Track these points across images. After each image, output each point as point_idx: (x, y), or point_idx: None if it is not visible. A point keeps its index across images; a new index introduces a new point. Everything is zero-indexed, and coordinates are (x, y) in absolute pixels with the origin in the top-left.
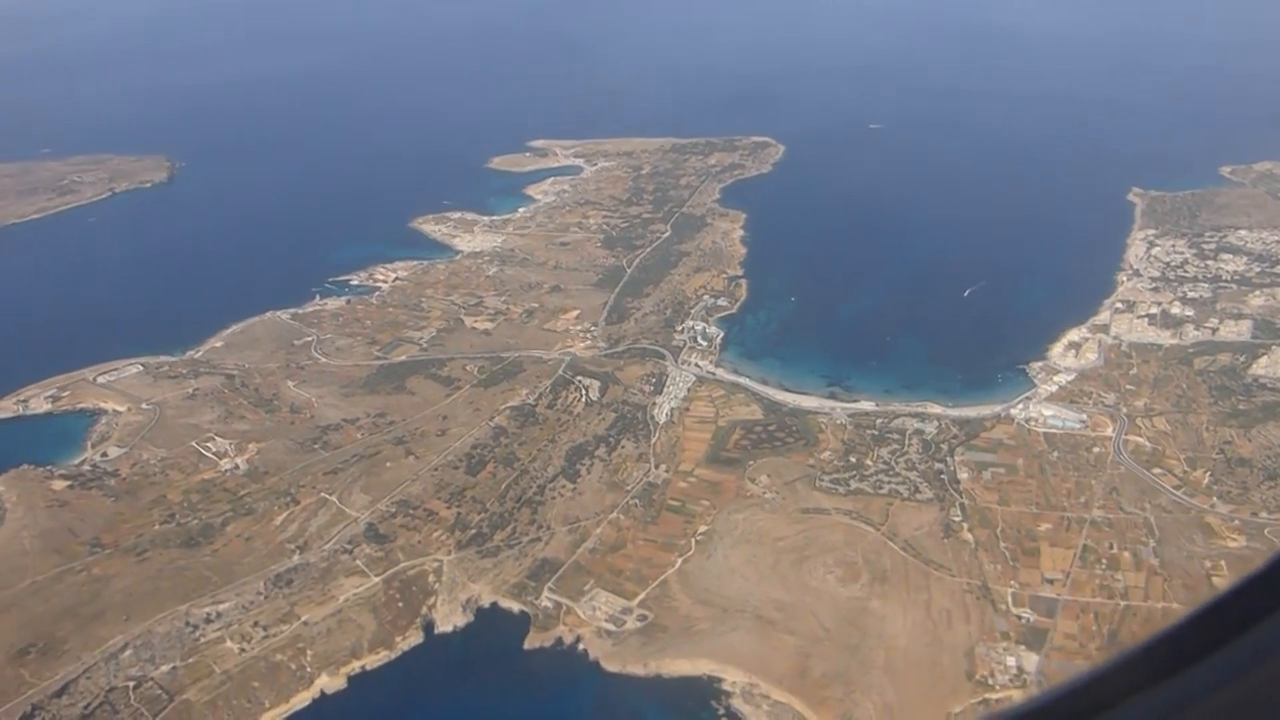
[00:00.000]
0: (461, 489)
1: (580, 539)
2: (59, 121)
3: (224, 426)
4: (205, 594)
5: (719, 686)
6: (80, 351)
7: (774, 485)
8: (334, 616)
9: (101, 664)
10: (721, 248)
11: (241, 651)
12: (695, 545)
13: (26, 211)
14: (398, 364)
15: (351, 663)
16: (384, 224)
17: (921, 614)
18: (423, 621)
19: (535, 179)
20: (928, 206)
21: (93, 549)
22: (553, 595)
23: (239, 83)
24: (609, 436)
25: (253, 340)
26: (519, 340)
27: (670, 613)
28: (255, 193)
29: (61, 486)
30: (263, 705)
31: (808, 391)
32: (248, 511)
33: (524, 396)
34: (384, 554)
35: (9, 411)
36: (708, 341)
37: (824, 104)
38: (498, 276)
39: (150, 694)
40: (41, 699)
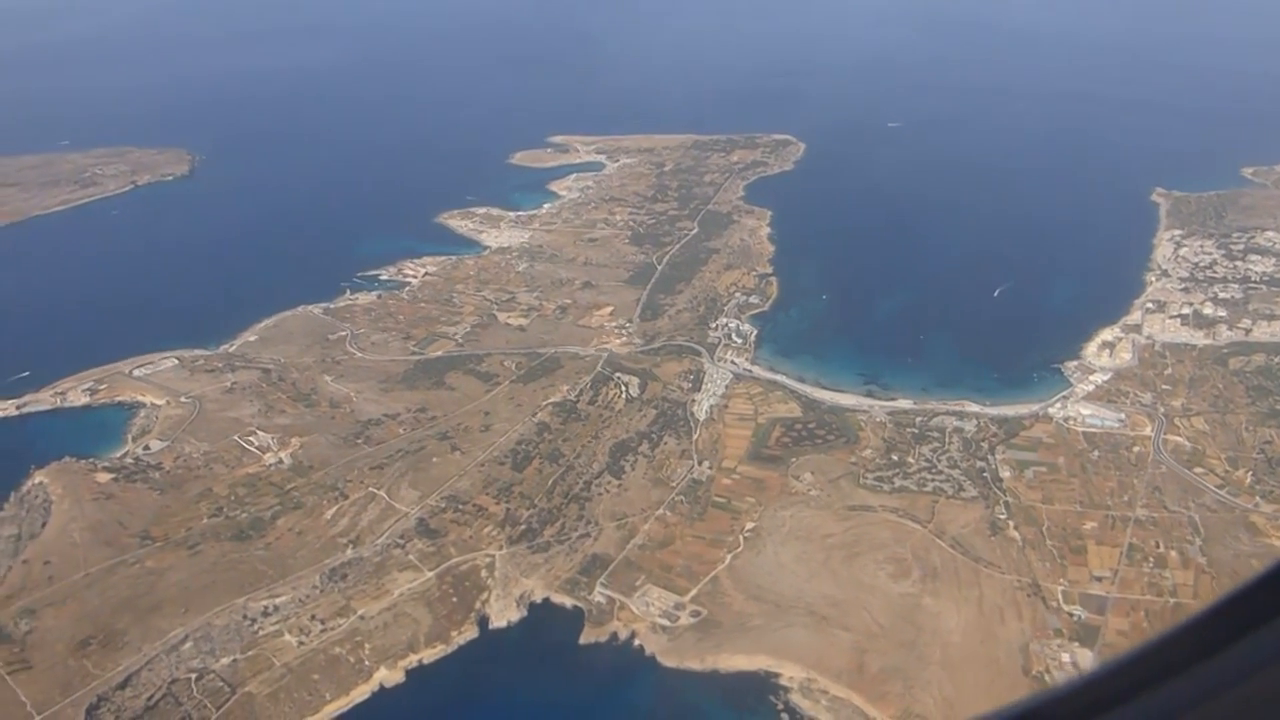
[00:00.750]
0: (509, 484)
1: (629, 535)
2: (77, 113)
3: (265, 421)
4: (261, 587)
5: (776, 681)
6: (114, 344)
7: (818, 482)
8: (389, 610)
9: (163, 656)
10: (750, 245)
11: (300, 645)
12: (744, 542)
13: (50, 204)
14: (435, 359)
15: (409, 656)
16: (409, 218)
17: (974, 611)
18: (477, 616)
19: (558, 175)
20: (952, 205)
21: (143, 541)
22: (605, 591)
23: (255, 76)
24: (651, 433)
25: (286, 334)
26: (554, 336)
27: (723, 608)
28: (276, 186)
29: (106, 479)
30: (323, 698)
31: (845, 389)
32: (296, 506)
33: (565, 392)
34: (436, 549)
35: (47, 404)
36: (742, 339)
37: (840, 101)
38: (528, 272)
39: (212, 686)
40: (106, 690)
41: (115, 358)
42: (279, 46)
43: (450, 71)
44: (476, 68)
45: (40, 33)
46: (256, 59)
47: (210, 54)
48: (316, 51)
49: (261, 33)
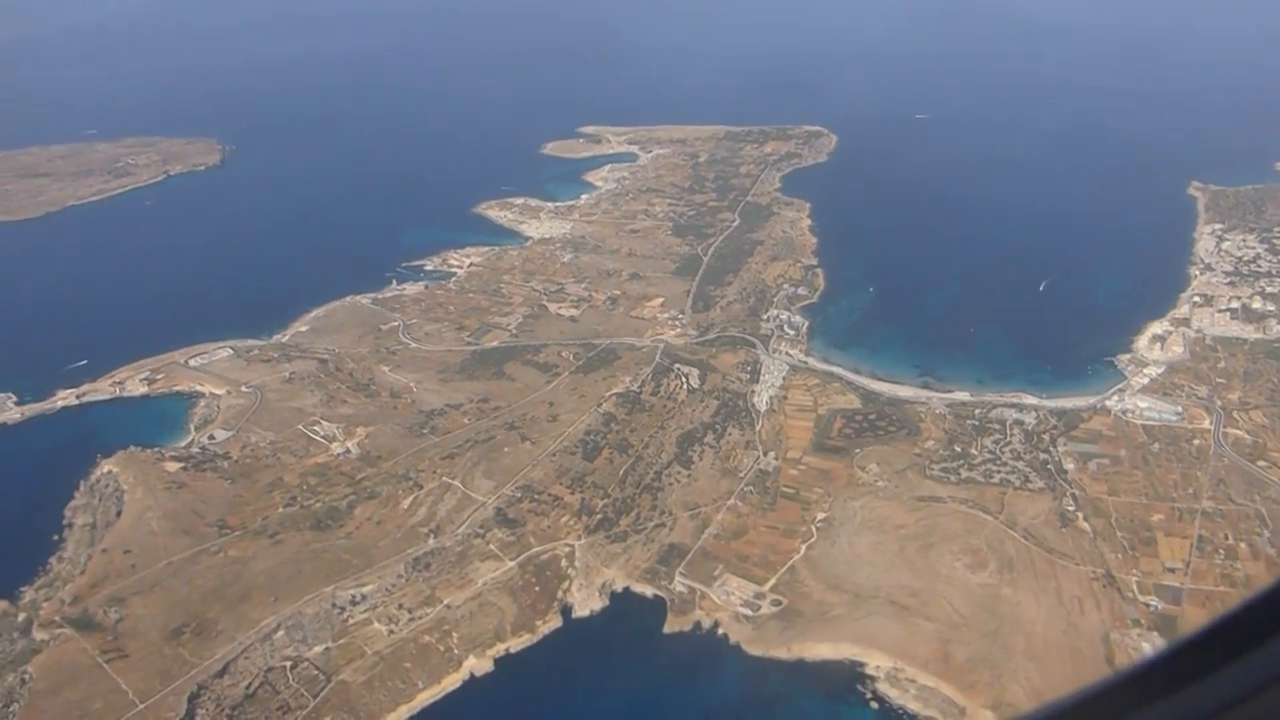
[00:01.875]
0: (582, 475)
1: (703, 525)
2: (102, 103)
3: (328, 410)
4: (348, 576)
5: (862, 670)
6: (167, 334)
7: (885, 473)
8: (474, 600)
9: (257, 645)
10: (792, 237)
11: (390, 633)
12: (816, 532)
13: (85, 193)
14: (490, 350)
15: (496, 645)
16: (447, 209)
17: (1053, 601)
18: (560, 605)
19: (593, 165)
20: (988, 198)
21: (221, 531)
22: (685, 580)
23: (277, 65)
24: (715, 424)
25: (338, 324)
26: (607, 327)
27: (803, 598)
28: (309, 177)
29: (175, 468)
30: (416, 686)
31: (901, 381)
32: (370, 495)
33: (627, 384)
34: (515, 538)
35: (106, 393)
36: (795, 330)
37: (866, 94)
38: (574, 263)
39: (307, 674)
40: (205, 679)
41: (169, 347)
42: (298, 36)
43: (475, 62)
44: (502, 58)
45: (51, 20)
46: (276, 48)
47: (229, 43)
48: (337, 41)
49: (280, 21)
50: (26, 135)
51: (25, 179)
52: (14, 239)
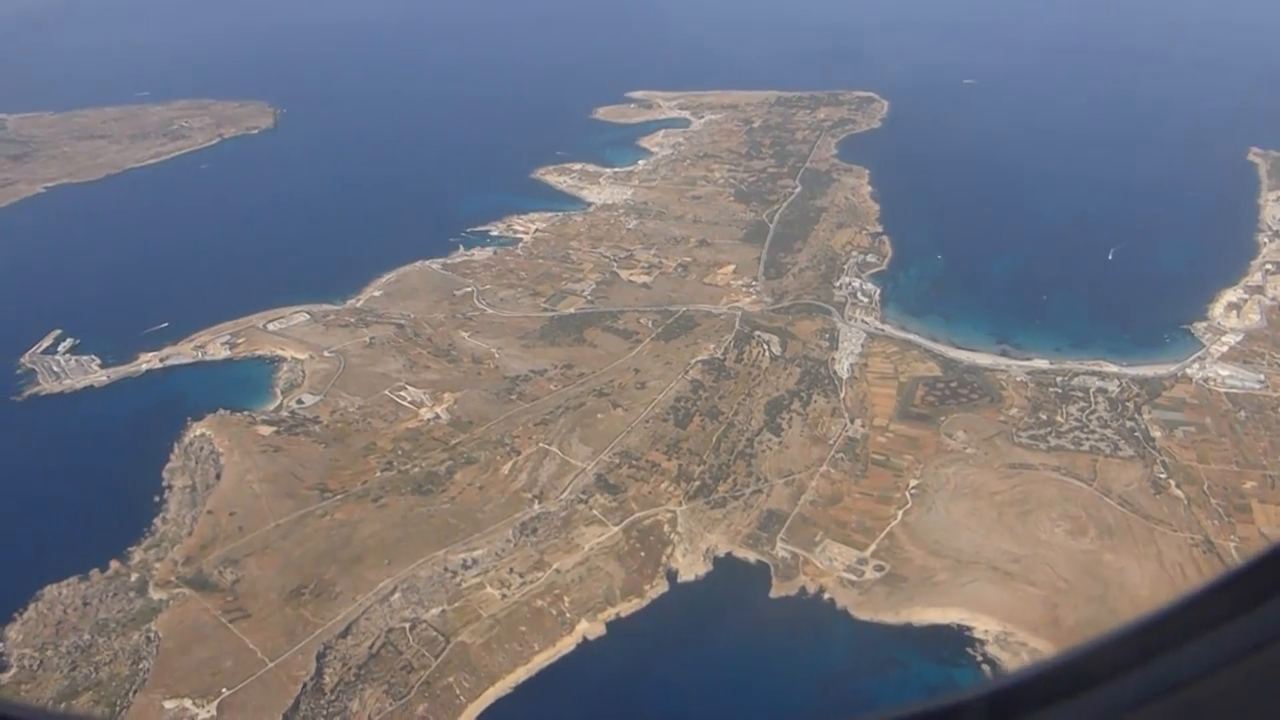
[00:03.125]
0: (676, 441)
1: (798, 491)
2: (150, 64)
3: (412, 376)
4: (457, 540)
5: (970, 634)
6: (241, 298)
7: (973, 441)
8: (583, 564)
9: (375, 606)
10: (855, 204)
11: (503, 597)
12: (911, 498)
13: (143, 156)
14: (568, 316)
15: (607, 609)
16: (505, 174)
17: (1155, 567)
18: (665, 570)
19: (646, 130)
20: (1046, 165)
21: (322, 494)
22: (786, 546)
23: (324, 27)
24: (800, 391)
25: (411, 290)
26: (681, 294)
27: (905, 563)
28: (363, 140)
29: (268, 432)
30: (532, 649)
31: (978, 348)
32: (468, 460)
33: (711, 350)
34: (618, 504)
35: (188, 357)
36: (868, 298)
37: (911, 59)
38: (639, 229)
39: (426, 635)
40: (329, 639)
41: (245, 312)
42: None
43: (519, 26)
44: (547, 24)
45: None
46: (320, 11)
47: (272, 4)
48: (377, 4)
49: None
50: (78, 97)
51: (83, 140)
52: (80, 201)
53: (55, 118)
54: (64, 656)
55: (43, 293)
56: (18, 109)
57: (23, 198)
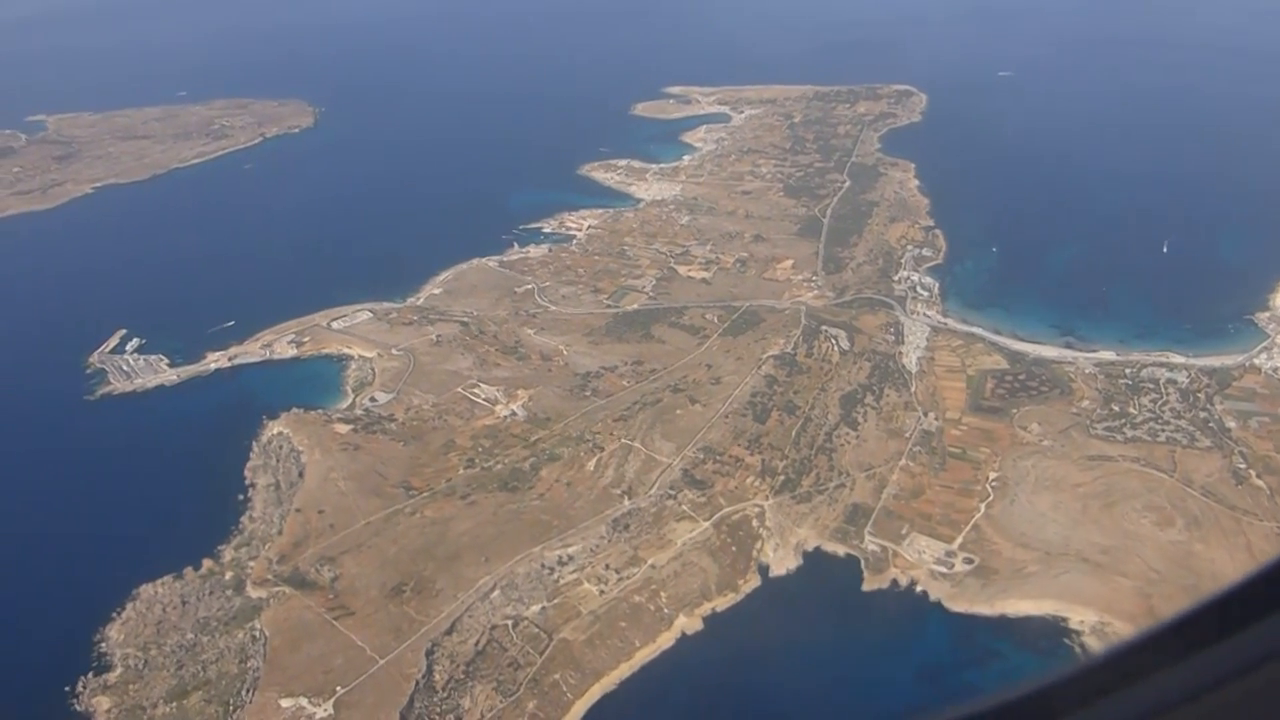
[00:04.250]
0: (757, 436)
1: (879, 485)
2: (187, 63)
3: (483, 373)
4: (551, 537)
5: (1065, 625)
6: (302, 297)
7: (1048, 433)
8: (677, 560)
9: (477, 603)
10: (904, 198)
11: (601, 593)
12: (992, 491)
13: (187, 156)
14: (632, 312)
15: (703, 604)
16: (550, 170)
17: (1245, 557)
18: (757, 565)
19: (686, 126)
20: (1092, 157)
21: (408, 492)
22: (874, 539)
23: (357, 25)
24: (871, 385)
25: (470, 287)
26: (742, 290)
27: (994, 555)
28: (402, 137)
29: (346, 430)
30: (633, 645)
31: (1042, 341)
32: (551, 457)
33: (781, 346)
34: (706, 499)
35: (256, 356)
36: (927, 291)
37: (943, 51)
38: (692, 225)
39: (529, 632)
40: (436, 636)
41: (307, 310)
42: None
43: (554, 20)
44: (579, 18)
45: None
46: (357, 7)
47: (303, 4)
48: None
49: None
50: (116, 97)
51: (127, 141)
52: (130, 201)
53: (95, 118)
54: (169, 656)
55: (104, 292)
56: (56, 109)
57: (71, 198)
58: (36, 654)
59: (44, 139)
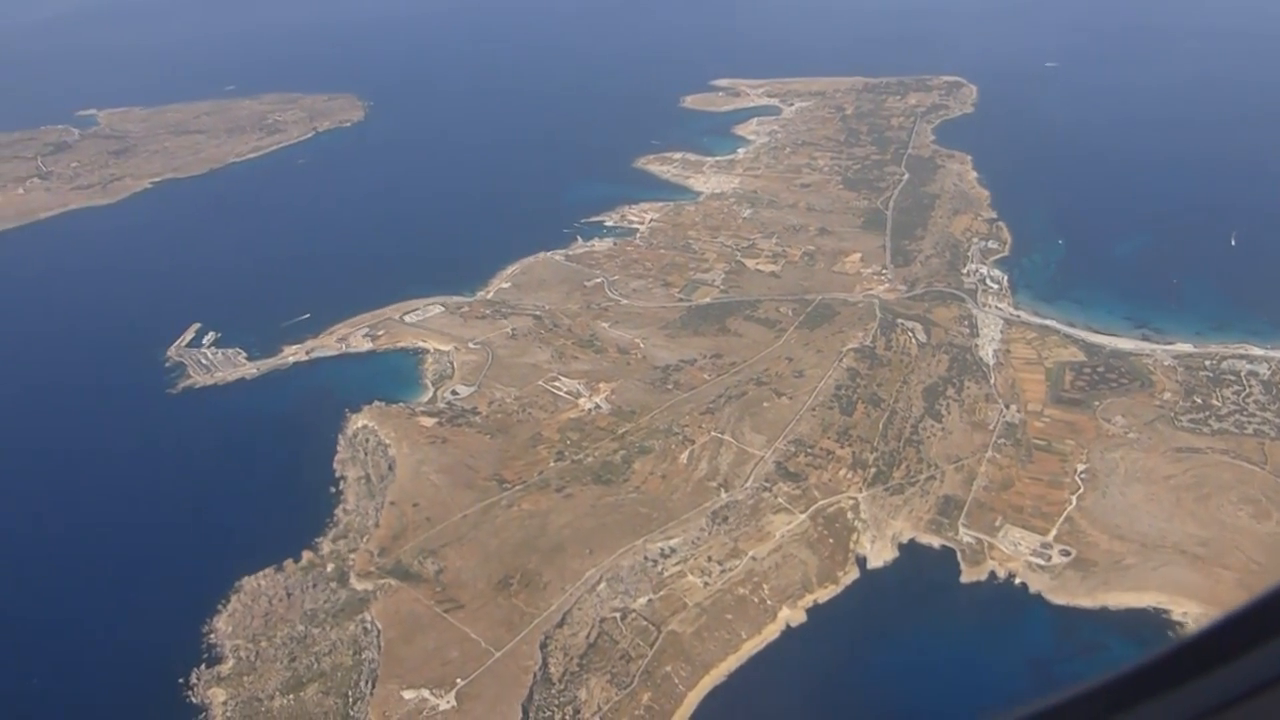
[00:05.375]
0: (845, 429)
1: (969, 477)
2: (231, 59)
3: (563, 366)
4: (653, 529)
5: (1168, 617)
6: (371, 290)
7: (1133, 425)
8: (777, 552)
9: (585, 596)
10: (964, 190)
11: (705, 585)
12: (1082, 483)
13: (243, 150)
14: (705, 306)
15: (805, 596)
16: (605, 164)
17: None
18: (855, 557)
19: (737, 119)
20: (1150, 147)
21: (501, 485)
22: (969, 531)
23: (400, 20)
24: (952, 377)
25: (538, 281)
26: (813, 283)
27: (1091, 548)
28: (454, 131)
29: (431, 423)
30: (740, 636)
31: (1117, 333)
32: (642, 450)
33: (860, 339)
34: (801, 492)
35: (332, 349)
36: (997, 284)
37: (984, 41)
38: (755, 218)
39: (638, 625)
40: (548, 629)
41: (377, 304)
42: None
43: (594, 13)
44: (617, 12)
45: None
46: (394, 6)
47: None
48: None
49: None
50: (166, 92)
51: (181, 136)
52: (190, 196)
53: (146, 112)
54: (280, 648)
55: (174, 286)
56: (105, 104)
57: (131, 193)
58: (146, 646)
59: (97, 134)
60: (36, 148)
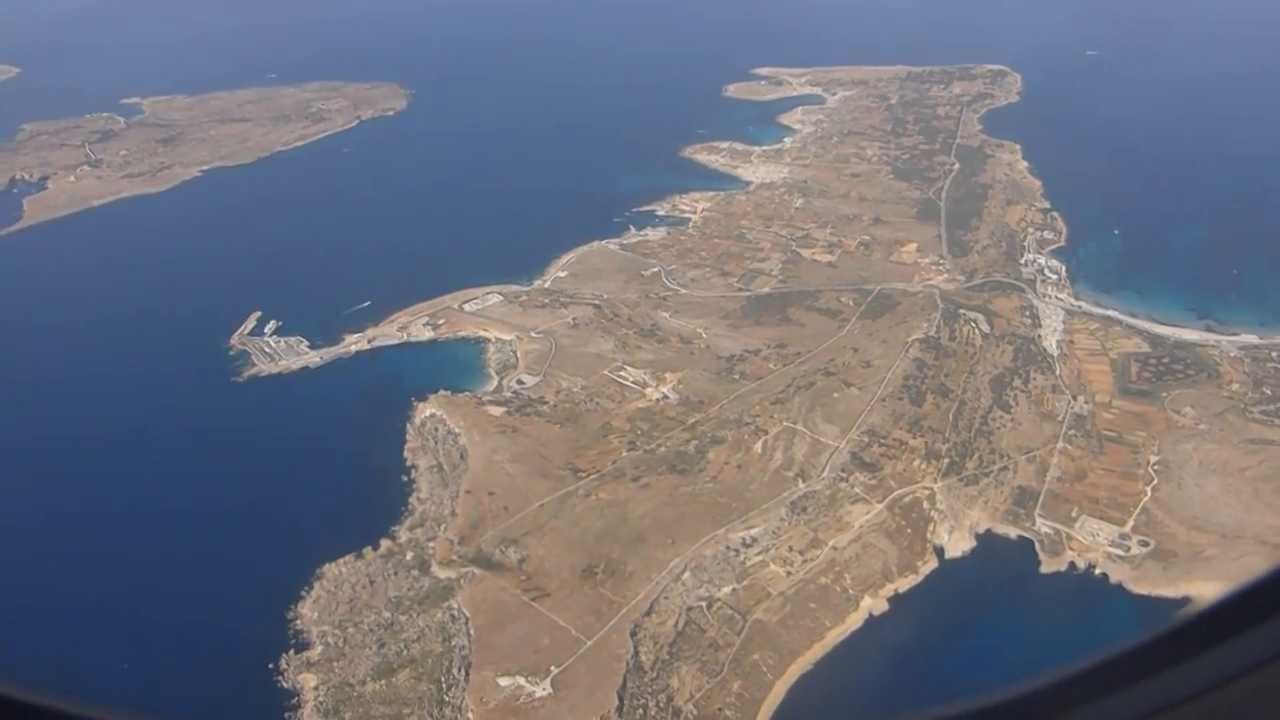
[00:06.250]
0: (916, 419)
1: (1041, 468)
2: (268, 47)
3: (627, 356)
4: (733, 519)
5: None
6: (427, 279)
7: (1203, 417)
8: (856, 542)
9: (670, 585)
10: (1015, 180)
11: (788, 575)
12: (1155, 474)
13: (288, 139)
14: (765, 295)
15: (886, 585)
16: (653, 153)
17: None
18: (933, 547)
19: (782, 108)
20: (1198, 137)
21: (575, 474)
22: (1046, 522)
23: (438, 9)
24: (1018, 368)
25: (595, 270)
26: (871, 273)
27: (1169, 539)
28: (498, 120)
29: (499, 413)
30: (824, 625)
31: (1180, 324)
32: (715, 440)
33: (925, 329)
34: (877, 482)
35: (394, 338)
36: (1056, 274)
37: (1023, 30)
38: (807, 208)
39: (723, 614)
40: (636, 617)
41: (435, 293)
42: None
43: (627, 7)
44: (652, 2)
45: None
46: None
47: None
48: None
49: None
50: (208, 80)
51: (226, 124)
52: (239, 184)
53: (189, 100)
54: (367, 634)
55: (232, 274)
56: (149, 92)
57: (181, 181)
58: (233, 632)
59: (142, 122)
60: (83, 135)
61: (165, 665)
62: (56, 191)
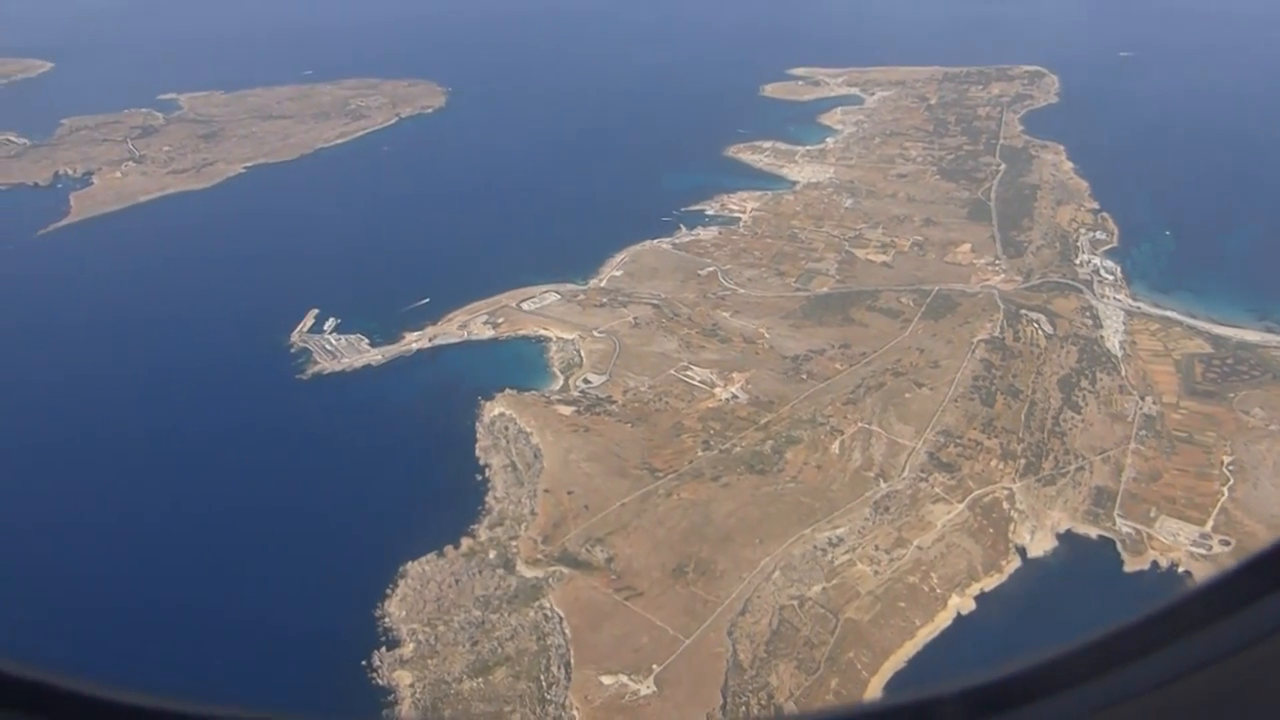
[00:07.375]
0: (989, 420)
1: (1116, 468)
2: (302, 44)
3: (692, 356)
4: (818, 519)
5: None
6: (483, 277)
7: (1274, 417)
8: (940, 541)
9: (761, 584)
10: (1062, 180)
11: (875, 574)
12: (1230, 475)
13: (330, 136)
14: (824, 295)
15: (972, 584)
16: (696, 152)
17: None
18: (1014, 546)
19: (821, 108)
20: (1243, 141)
21: (653, 474)
22: (1125, 522)
23: (472, 8)
24: (1084, 369)
25: (650, 270)
26: (927, 273)
27: (1250, 538)
28: (539, 117)
29: (569, 412)
30: (914, 624)
31: (1242, 325)
32: (790, 440)
33: (989, 330)
34: (956, 482)
35: (454, 336)
36: (1112, 275)
37: (1054, 30)
38: (856, 208)
39: (815, 612)
40: (732, 616)
41: (491, 291)
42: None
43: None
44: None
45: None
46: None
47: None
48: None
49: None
50: (245, 76)
51: (267, 121)
52: (284, 180)
53: (227, 97)
54: (459, 632)
55: (285, 271)
56: (186, 88)
57: (225, 177)
58: (323, 630)
59: (182, 118)
60: (124, 131)
61: (258, 664)
62: (103, 187)
